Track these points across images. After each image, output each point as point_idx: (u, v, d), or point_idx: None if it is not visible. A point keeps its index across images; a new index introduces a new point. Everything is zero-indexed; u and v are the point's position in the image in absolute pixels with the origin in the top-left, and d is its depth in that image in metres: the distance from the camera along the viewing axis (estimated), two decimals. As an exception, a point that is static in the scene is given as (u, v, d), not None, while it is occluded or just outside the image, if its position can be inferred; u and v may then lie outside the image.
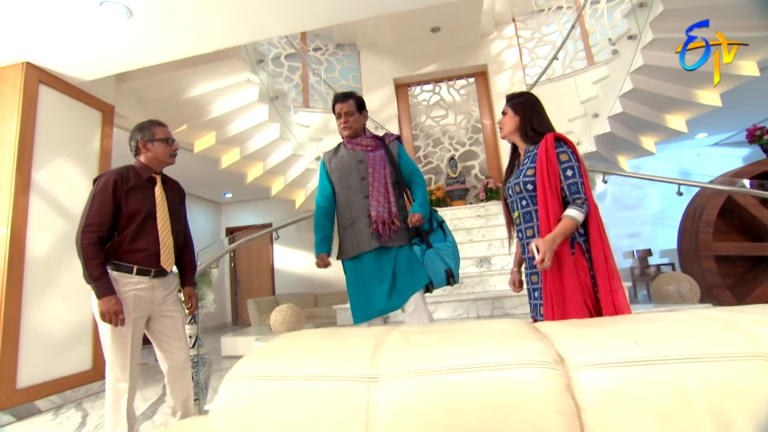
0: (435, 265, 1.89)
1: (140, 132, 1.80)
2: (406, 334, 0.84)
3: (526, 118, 1.57)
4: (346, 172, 1.95)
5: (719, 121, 5.17)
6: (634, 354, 0.67)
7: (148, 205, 1.73)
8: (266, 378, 0.71)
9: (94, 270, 1.59)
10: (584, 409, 0.63)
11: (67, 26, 2.53)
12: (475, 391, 0.66)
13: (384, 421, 0.65)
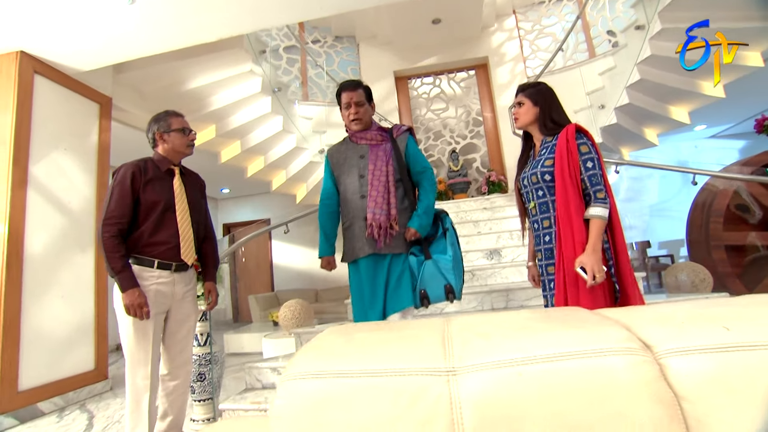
0: (433, 279, 1.66)
1: (156, 123, 1.77)
2: (470, 325, 0.79)
3: (545, 109, 1.54)
4: (346, 169, 1.78)
5: (719, 112, 5.21)
6: (727, 339, 0.63)
7: (167, 196, 1.71)
8: (332, 375, 0.66)
9: (116, 263, 1.57)
10: (683, 397, 0.60)
11: (65, 13, 2.43)
12: (567, 380, 0.62)
13: (471, 416, 0.60)
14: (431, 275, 1.66)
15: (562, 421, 0.58)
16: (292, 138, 4.21)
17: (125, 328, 1.63)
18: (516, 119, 1.62)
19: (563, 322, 0.79)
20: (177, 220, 1.73)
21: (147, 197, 1.67)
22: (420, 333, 0.79)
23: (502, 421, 0.59)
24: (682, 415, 0.58)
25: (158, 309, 1.67)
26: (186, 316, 1.80)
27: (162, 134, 1.76)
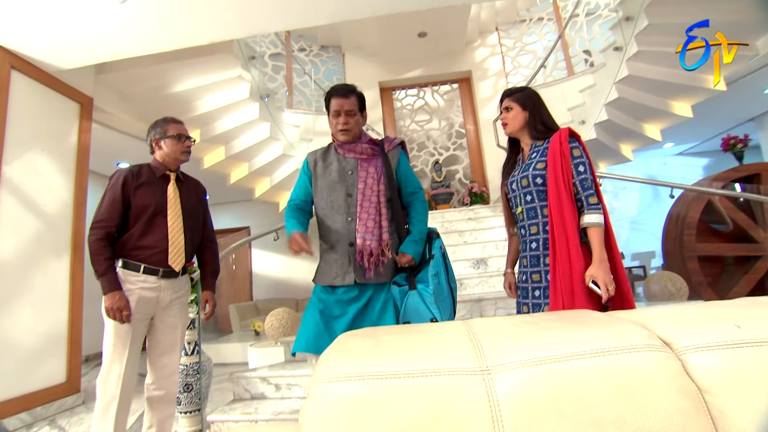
0: (417, 311, 1.48)
1: (153, 129, 1.79)
2: (494, 327, 0.81)
3: (535, 113, 1.52)
4: (331, 184, 1.57)
5: (686, 132, 5.52)
6: (741, 336, 0.68)
7: (158, 201, 1.71)
8: (367, 377, 0.66)
9: (100, 265, 1.58)
10: (706, 390, 0.63)
11: (48, 7, 2.33)
12: (596, 376, 0.65)
13: (508, 412, 0.62)
14: (415, 307, 1.48)
15: (594, 414, 0.60)
16: (279, 145, 4.18)
17: (106, 332, 1.62)
18: (504, 125, 1.58)
19: (582, 322, 0.82)
20: (167, 225, 1.71)
21: (137, 201, 1.68)
22: (446, 335, 0.79)
23: (537, 416, 0.61)
24: (706, 406, 0.61)
25: (140, 315, 1.64)
26: (173, 325, 1.75)
27: (158, 140, 1.77)
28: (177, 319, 1.77)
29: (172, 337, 1.76)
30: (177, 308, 1.77)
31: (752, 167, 3.61)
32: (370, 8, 2.58)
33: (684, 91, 3.78)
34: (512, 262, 1.66)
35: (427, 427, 0.61)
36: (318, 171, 1.61)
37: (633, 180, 3.67)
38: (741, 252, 3.31)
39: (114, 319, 1.56)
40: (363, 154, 1.59)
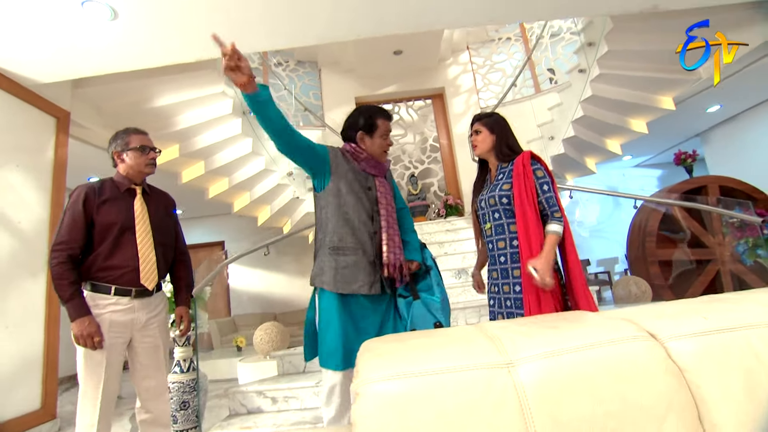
0: (423, 319, 1.55)
1: (114, 141, 1.70)
2: (506, 327, 0.92)
3: (501, 137, 1.66)
4: (356, 191, 1.59)
5: (642, 145, 5.98)
6: (708, 326, 0.84)
7: (124, 217, 1.62)
8: (408, 376, 0.75)
9: (65, 290, 1.48)
10: (685, 370, 0.78)
11: (27, 20, 2.29)
12: (601, 363, 0.77)
13: (534, 399, 0.72)
14: (421, 315, 1.55)
15: (601, 393, 0.73)
16: (261, 160, 4.19)
17: (78, 359, 1.53)
18: (474, 146, 1.71)
19: (580, 321, 0.94)
20: (137, 242, 1.63)
21: (102, 219, 1.58)
22: (465, 336, 0.90)
23: (556, 399, 0.72)
24: (686, 382, 0.75)
25: (114, 339, 1.56)
26: (153, 345, 1.67)
27: (120, 153, 1.67)
28: (157, 339, 1.68)
29: (155, 358, 1.68)
30: (155, 327, 1.68)
31: (701, 180, 4.00)
32: (353, 31, 2.70)
33: (640, 110, 4.14)
34: (480, 266, 1.82)
35: (466, 414, 0.71)
36: (340, 170, 1.58)
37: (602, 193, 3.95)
38: (695, 256, 3.64)
39: (85, 346, 1.47)
40: (379, 171, 1.66)
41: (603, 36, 3.45)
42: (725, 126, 5.61)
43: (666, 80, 3.82)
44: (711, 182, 3.89)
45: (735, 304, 0.96)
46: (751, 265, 3.15)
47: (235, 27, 2.51)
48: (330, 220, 1.57)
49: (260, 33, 2.58)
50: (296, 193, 4.43)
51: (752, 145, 5.27)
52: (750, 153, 5.28)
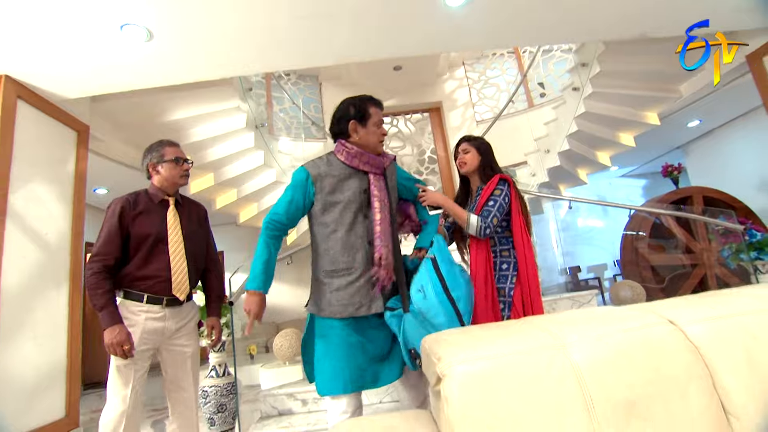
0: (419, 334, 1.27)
1: (149, 153, 1.75)
2: (550, 320, 1.10)
3: (486, 159, 1.83)
4: (348, 203, 1.45)
5: (628, 156, 6.30)
6: (715, 313, 1.04)
7: (158, 229, 1.66)
8: (491, 357, 0.92)
9: (98, 299, 1.53)
10: (699, 347, 0.97)
11: (60, 40, 2.38)
12: (636, 342, 0.97)
13: (587, 372, 0.90)
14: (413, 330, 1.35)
15: (638, 366, 0.91)
16: (272, 172, 4.32)
17: (111, 366, 1.57)
18: (462, 164, 1.84)
19: (611, 312, 1.12)
20: (169, 253, 1.66)
21: (137, 230, 1.63)
22: (519, 328, 1.07)
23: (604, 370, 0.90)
24: (701, 357, 0.93)
25: (145, 347, 1.60)
26: (182, 354, 1.70)
27: (155, 165, 1.72)
28: (186, 347, 1.70)
29: (183, 368, 1.70)
30: (184, 336, 1.71)
31: (686, 190, 4.30)
32: (370, 53, 2.90)
33: (628, 125, 4.43)
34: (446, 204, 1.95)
35: (535, 386, 0.88)
36: (326, 187, 1.45)
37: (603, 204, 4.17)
38: (684, 261, 3.91)
39: (115, 354, 1.48)
40: (375, 166, 1.49)
41: (596, 57, 3.72)
42: (705, 139, 5.98)
43: (652, 97, 4.12)
44: (695, 193, 4.18)
45: (734, 297, 1.16)
46: (734, 268, 3.42)
47: (260, 49, 2.66)
48: (322, 243, 1.48)
49: (283, 54, 2.75)
50: (305, 204, 4.56)
51: (729, 157, 5.63)
52: (728, 164, 5.65)
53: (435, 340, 1.06)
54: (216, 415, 2.08)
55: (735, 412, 0.86)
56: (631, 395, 0.86)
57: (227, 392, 2.12)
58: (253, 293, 1.44)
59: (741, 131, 5.43)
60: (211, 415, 2.09)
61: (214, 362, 2.20)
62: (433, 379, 0.96)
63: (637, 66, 3.74)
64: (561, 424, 0.82)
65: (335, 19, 2.42)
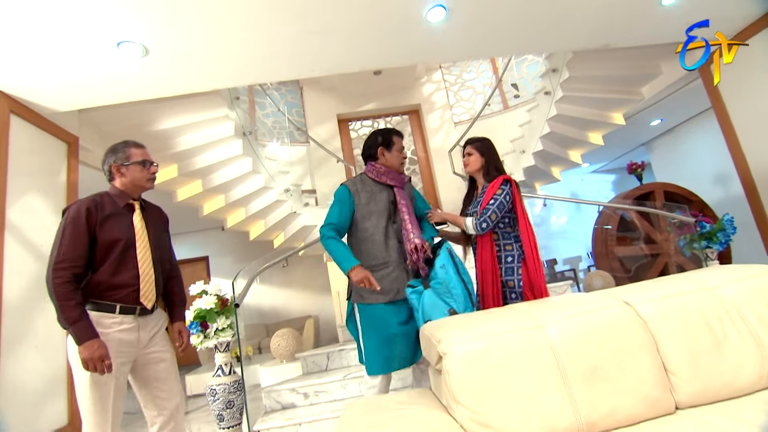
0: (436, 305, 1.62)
1: (113, 154, 1.63)
2: (532, 306, 1.31)
3: (489, 160, 1.97)
4: (381, 210, 1.82)
5: (597, 153, 6.69)
6: (658, 295, 1.26)
7: (127, 234, 1.56)
8: (482, 337, 1.12)
9: (71, 312, 1.39)
10: (647, 322, 1.19)
11: (52, 55, 2.43)
12: (598, 320, 1.18)
13: (560, 345, 1.12)
14: (432, 303, 1.63)
15: (601, 338, 1.12)
16: (260, 178, 4.42)
17: (82, 386, 1.43)
18: (466, 165, 2.02)
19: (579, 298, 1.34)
20: (137, 259, 1.56)
21: (105, 235, 1.50)
22: (506, 313, 1.27)
23: (574, 345, 1.11)
24: (650, 330, 1.15)
25: (122, 359, 1.50)
26: (164, 360, 1.63)
27: (119, 167, 1.60)
28: (164, 351, 1.64)
29: (167, 367, 1.63)
30: (158, 343, 1.63)
31: (649, 186, 4.66)
32: (359, 64, 3.07)
33: (597, 125, 4.76)
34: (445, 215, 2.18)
35: (519, 357, 1.08)
36: (362, 200, 1.84)
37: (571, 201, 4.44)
38: (647, 251, 4.26)
39: (94, 370, 1.37)
40: (398, 181, 1.90)
41: (565, 64, 4.01)
42: (666, 136, 6.42)
43: (618, 100, 4.45)
44: (657, 188, 4.54)
45: (677, 280, 1.40)
46: (690, 256, 3.77)
47: (253, 62, 2.79)
48: (361, 243, 1.82)
49: (276, 67, 2.88)
50: (293, 208, 4.69)
51: (688, 153, 6.08)
52: (687, 160, 6.09)
53: (434, 326, 1.25)
54: (225, 412, 2.21)
55: (673, 370, 1.08)
56: (594, 361, 1.07)
57: (234, 389, 2.25)
58: (354, 268, 1.68)
59: (698, 129, 5.88)
60: (220, 411, 2.21)
61: (221, 362, 2.32)
62: (435, 358, 1.15)
63: (603, 71, 4.04)
64: (541, 387, 1.02)
65: (329, 34, 2.58)
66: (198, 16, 2.31)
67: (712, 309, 1.18)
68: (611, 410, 1.00)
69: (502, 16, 2.71)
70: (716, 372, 1.06)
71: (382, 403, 1.18)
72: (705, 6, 2.90)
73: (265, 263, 2.95)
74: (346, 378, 2.46)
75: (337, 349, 2.85)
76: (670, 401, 1.05)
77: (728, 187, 5.35)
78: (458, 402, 1.00)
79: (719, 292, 1.21)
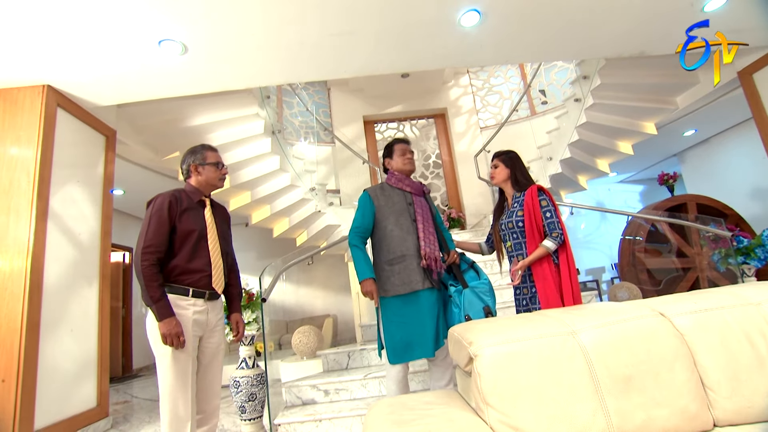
0: (473, 304, 1.87)
1: (192, 155, 1.86)
2: (564, 311, 1.29)
3: (515, 171, 2.08)
4: (398, 211, 2.02)
5: (626, 163, 6.52)
6: (696, 307, 1.23)
7: (200, 226, 1.75)
8: (514, 341, 1.11)
9: (155, 291, 1.59)
10: (684, 334, 1.15)
11: (100, 52, 2.56)
12: (634, 329, 1.15)
13: (593, 352, 1.10)
14: (470, 301, 1.88)
15: (634, 347, 1.10)
16: (287, 176, 4.50)
17: (164, 358, 1.61)
18: (492, 178, 2.15)
19: (612, 307, 1.31)
20: (209, 249, 1.76)
21: (183, 226, 1.70)
22: (536, 318, 1.26)
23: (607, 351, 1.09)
24: (685, 342, 1.12)
25: (195, 336, 1.68)
26: (217, 348, 1.81)
27: (197, 166, 1.82)
28: (220, 341, 1.80)
29: (215, 359, 1.79)
30: (219, 331, 1.81)
31: (681, 198, 4.51)
32: (388, 67, 3.09)
33: (627, 134, 4.64)
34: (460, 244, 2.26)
35: (551, 363, 1.07)
36: (381, 202, 2.06)
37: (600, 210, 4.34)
38: (678, 265, 4.12)
39: (171, 345, 1.56)
40: (416, 191, 2.11)
41: (597, 71, 3.93)
42: (699, 148, 6.20)
43: (650, 109, 4.33)
44: (689, 200, 4.39)
45: (713, 294, 1.36)
46: (724, 271, 3.62)
47: (287, 61, 2.85)
48: (381, 240, 2.02)
49: (307, 67, 2.94)
50: (318, 207, 4.75)
51: (723, 165, 5.85)
52: (721, 172, 5.86)
53: (465, 328, 1.25)
54: (247, 404, 2.25)
55: (711, 385, 1.05)
56: (628, 371, 1.05)
57: (257, 382, 2.30)
58: (366, 280, 1.91)
59: (734, 141, 5.65)
60: (242, 403, 2.26)
61: (245, 355, 2.37)
62: (464, 360, 1.15)
63: (636, 79, 3.95)
64: (572, 394, 1.01)
65: (359, 36, 2.62)
66: (234, 17, 2.39)
67: (754, 325, 1.14)
68: (645, 422, 0.98)
69: (536, 21, 2.68)
70: (759, 391, 1.03)
71: (409, 402, 1.19)
72: (746, 13, 2.80)
73: (289, 260, 3.00)
74: (366, 377, 2.48)
75: (358, 348, 2.87)
76: (708, 417, 1.02)
77: (766, 202, 5.13)
78: (489, 404, 1.00)
79: (762, 308, 1.17)
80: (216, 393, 1.81)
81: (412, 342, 1.87)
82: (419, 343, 1.87)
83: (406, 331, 1.88)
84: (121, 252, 6.61)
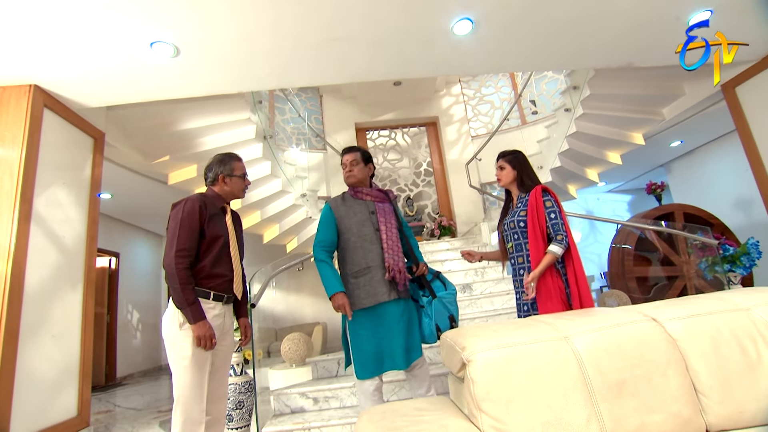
0: (441, 314, 1.92)
1: (221, 165, 1.90)
2: (555, 317, 1.28)
3: (522, 172, 2.03)
4: (359, 222, 1.97)
5: (615, 173, 6.62)
6: (687, 312, 1.23)
7: (225, 232, 1.81)
8: (507, 346, 1.10)
9: (190, 294, 1.62)
10: (676, 339, 1.16)
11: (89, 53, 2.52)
12: (625, 334, 1.15)
13: (586, 357, 1.10)
14: (439, 311, 1.93)
15: (627, 352, 1.10)
16: (278, 182, 4.47)
17: (183, 361, 1.62)
18: (499, 179, 2.08)
19: (605, 312, 1.31)
20: (231, 255, 1.82)
21: (210, 231, 1.74)
22: (529, 324, 1.25)
23: (600, 356, 1.09)
24: (678, 347, 1.13)
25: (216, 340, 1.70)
26: (228, 350, 1.85)
27: (225, 177, 1.87)
28: (231, 344, 1.85)
29: (225, 363, 1.82)
30: (231, 334, 1.85)
31: (668, 207, 4.59)
32: (383, 74, 3.11)
33: (616, 144, 4.72)
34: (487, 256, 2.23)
35: (544, 368, 1.06)
36: (342, 213, 2.01)
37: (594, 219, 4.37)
38: (666, 273, 4.17)
39: (204, 347, 1.61)
40: (376, 197, 2.05)
41: (586, 81, 4.00)
42: (686, 158, 6.33)
43: (638, 119, 4.41)
44: (677, 209, 4.46)
45: (704, 300, 1.37)
46: (711, 279, 3.68)
47: (283, 66, 2.84)
48: (345, 252, 1.98)
49: (301, 73, 2.93)
50: (309, 213, 4.72)
51: (709, 175, 5.98)
52: (707, 182, 5.99)
53: (457, 333, 1.23)
54: (234, 412, 2.20)
55: (703, 390, 1.05)
56: (621, 376, 1.04)
57: (245, 390, 2.25)
58: (336, 294, 1.83)
59: (718, 152, 5.79)
60: (229, 411, 2.21)
61: (233, 361, 2.33)
62: (457, 366, 1.14)
63: (625, 90, 4.02)
64: (566, 399, 1.00)
65: (354, 42, 2.63)
66: (228, 20, 2.38)
67: (744, 330, 1.15)
68: (639, 427, 0.98)
69: (527, 31, 2.72)
70: (750, 396, 1.03)
71: (400, 409, 1.17)
72: (734, 27, 2.88)
73: (279, 266, 2.96)
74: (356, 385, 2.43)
75: (347, 356, 2.83)
76: (700, 422, 1.02)
77: (750, 212, 5.24)
78: (482, 410, 0.99)
79: (752, 314, 1.18)
80: (223, 395, 1.82)
81: (381, 354, 1.83)
82: (389, 355, 1.83)
83: (374, 344, 1.84)
84: (107, 257, 6.48)
